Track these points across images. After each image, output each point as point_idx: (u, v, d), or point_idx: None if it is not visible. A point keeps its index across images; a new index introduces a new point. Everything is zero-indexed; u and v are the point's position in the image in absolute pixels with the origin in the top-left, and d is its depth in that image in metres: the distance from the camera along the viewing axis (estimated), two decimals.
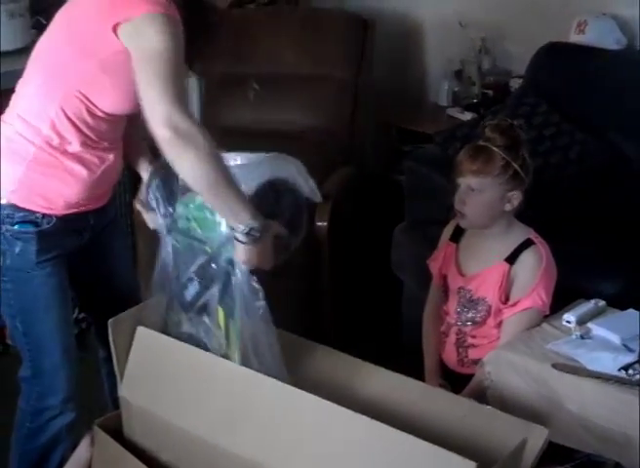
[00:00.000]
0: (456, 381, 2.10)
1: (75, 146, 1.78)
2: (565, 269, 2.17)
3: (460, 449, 1.49)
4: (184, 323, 1.78)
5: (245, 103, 3.42)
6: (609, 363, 1.91)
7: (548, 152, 2.80)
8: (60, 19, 1.81)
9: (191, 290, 1.74)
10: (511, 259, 2.07)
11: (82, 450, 1.83)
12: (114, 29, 1.65)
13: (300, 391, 1.60)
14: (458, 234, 2.21)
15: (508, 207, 2.05)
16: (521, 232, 2.11)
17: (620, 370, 1.88)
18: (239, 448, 1.61)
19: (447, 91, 3.57)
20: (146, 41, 1.63)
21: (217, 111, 3.44)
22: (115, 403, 2.12)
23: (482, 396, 1.93)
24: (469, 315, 2.13)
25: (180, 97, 1.60)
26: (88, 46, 1.71)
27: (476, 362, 2.08)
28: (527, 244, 2.09)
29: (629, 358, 1.90)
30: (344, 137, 3.38)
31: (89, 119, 1.77)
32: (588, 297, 2.18)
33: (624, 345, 1.97)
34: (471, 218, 2.07)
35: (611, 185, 2.84)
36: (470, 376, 2.07)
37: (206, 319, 1.73)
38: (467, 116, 3.37)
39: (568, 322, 2.08)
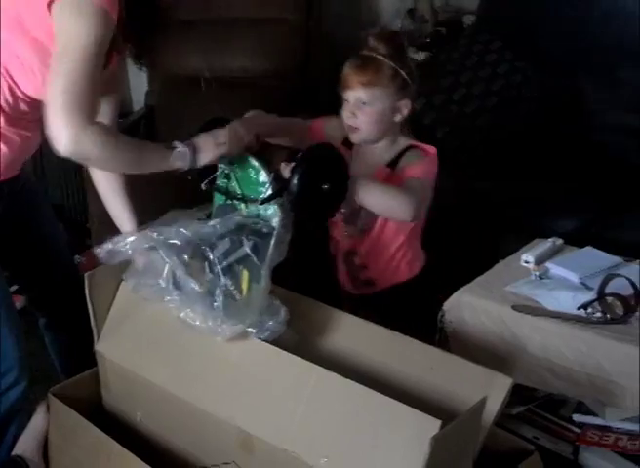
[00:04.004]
0: (354, 303, 2.08)
1: None
2: (521, 208, 2.16)
3: (426, 401, 1.50)
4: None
5: (193, 50, 3.33)
6: (568, 302, 1.90)
7: (503, 90, 2.77)
8: None
9: (221, 248, 1.67)
10: (393, 164, 1.99)
11: (38, 419, 1.82)
12: (48, 6, 1.57)
13: (275, 349, 1.60)
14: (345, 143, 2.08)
15: (398, 117, 1.97)
16: (405, 142, 2.02)
17: (579, 308, 1.88)
18: (212, 407, 1.61)
19: (400, 30, 3.51)
20: (68, 27, 1.55)
21: (164, 58, 3.35)
22: (65, 370, 2.11)
23: None
24: (356, 225, 2.04)
25: (81, 105, 1.51)
26: (23, 21, 1.63)
27: (368, 282, 2.06)
28: (408, 149, 2.00)
29: (588, 296, 1.90)
30: (298, 83, 3.31)
31: (9, 97, 1.71)
32: (546, 236, 2.17)
33: (583, 283, 1.97)
34: (364, 132, 1.97)
35: (567, 122, 2.82)
36: (367, 296, 2.07)
37: (228, 281, 1.67)
38: (422, 55, 3.31)
39: (526, 262, 2.07)
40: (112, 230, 1.94)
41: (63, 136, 1.50)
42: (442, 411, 1.45)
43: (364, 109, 1.92)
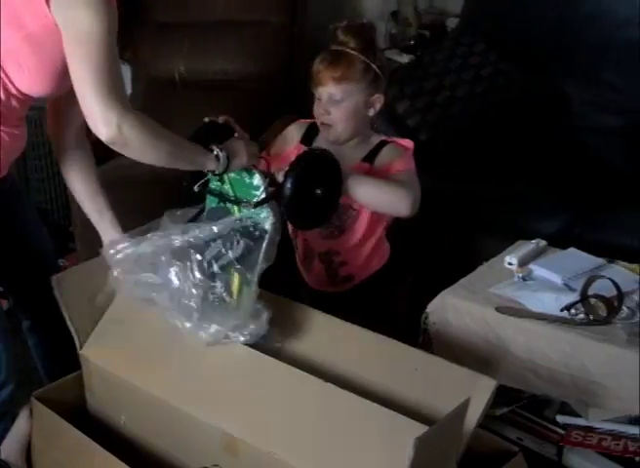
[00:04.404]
0: (329, 300, 2.01)
1: None
2: (505, 209, 2.16)
3: (410, 403, 1.50)
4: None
5: (178, 53, 3.33)
6: (551, 303, 1.91)
7: (487, 92, 2.78)
8: None
9: (211, 250, 1.67)
10: (370, 158, 1.95)
11: (21, 423, 1.80)
12: (47, 1, 1.57)
13: (259, 352, 1.60)
14: (309, 137, 2.03)
15: (371, 111, 1.94)
16: (376, 137, 2.00)
17: (562, 310, 1.88)
18: (196, 410, 1.60)
19: (384, 33, 3.52)
20: (78, 21, 1.55)
21: (147, 61, 3.33)
22: (48, 374, 2.09)
23: None
24: (335, 225, 1.98)
25: (114, 89, 1.55)
26: (17, 15, 1.62)
27: (348, 278, 2.04)
28: (383, 144, 1.97)
29: (571, 298, 1.90)
30: (282, 85, 3.31)
31: (2, 95, 1.70)
32: (529, 238, 2.18)
33: (566, 285, 1.98)
34: (339, 129, 1.93)
35: (551, 124, 2.83)
36: (345, 292, 2.03)
37: (217, 284, 1.67)
38: (405, 58, 3.33)
39: (510, 264, 2.07)
40: (96, 234, 1.94)
41: (104, 121, 1.53)
42: (426, 414, 1.45)
43: (337, 106, 1.90)
